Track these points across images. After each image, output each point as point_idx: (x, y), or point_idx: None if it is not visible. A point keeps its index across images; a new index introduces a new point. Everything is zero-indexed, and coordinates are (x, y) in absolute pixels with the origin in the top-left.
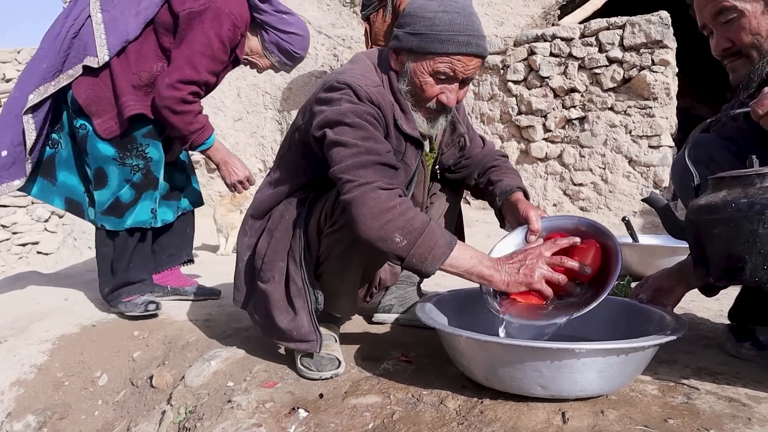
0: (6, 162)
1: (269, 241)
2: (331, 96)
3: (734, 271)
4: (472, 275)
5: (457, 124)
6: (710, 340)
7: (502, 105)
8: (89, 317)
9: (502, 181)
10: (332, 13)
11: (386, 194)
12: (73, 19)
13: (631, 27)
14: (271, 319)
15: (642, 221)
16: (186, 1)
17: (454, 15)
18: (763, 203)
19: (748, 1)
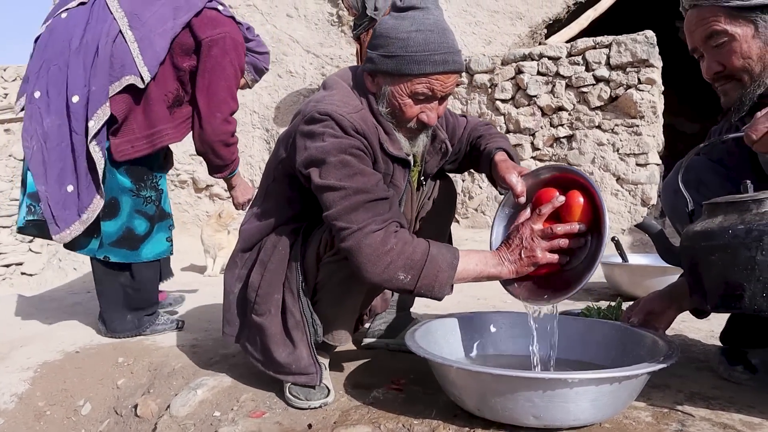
0: (74, 196)
1: (262, 273)
2: (313, 129)
3: (732, 299)
4: (482, 278)
5: (437, 131)
6: (702, 362)
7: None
8: (72, 343)
9: (486, 147)
10: (320, 32)
11: (381, 236)
12: (105, 35)
13: (617, 46)
14: (268, 352)
15: (630, 239)
16: (207, 28)
17: (427, 33)
18: (761, 230)
19: (739, 25)
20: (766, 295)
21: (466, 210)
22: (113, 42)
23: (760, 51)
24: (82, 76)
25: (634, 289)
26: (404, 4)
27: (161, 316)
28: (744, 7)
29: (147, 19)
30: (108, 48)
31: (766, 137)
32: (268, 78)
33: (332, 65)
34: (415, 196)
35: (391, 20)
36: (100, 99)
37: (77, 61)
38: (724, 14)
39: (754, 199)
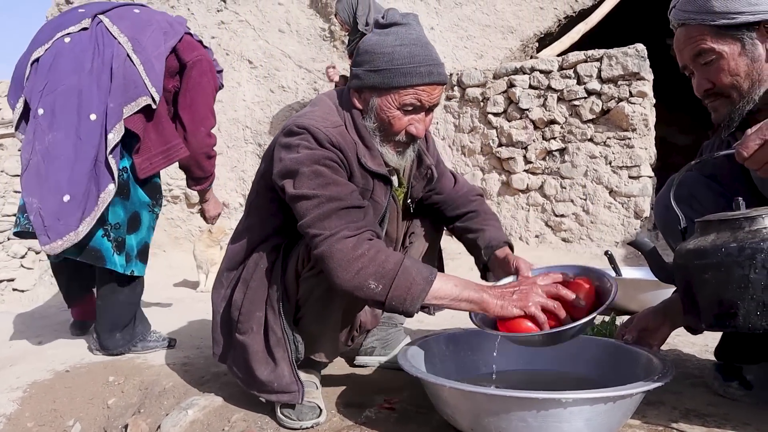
0: (68, 206)
1: (245, 291)
2: (290, 141)
3: (726, 318)
4: (461, 302)
5: (423, 156)
6: (697, 378)
7: (483, 137)
8: (63, 362)
9: (485, 232)
10: (312, 47)
11: (353, 242)
12: (116, 58)
13: (609, 59)
14: (250, 371)
15: (624, 252)
16: (188, 52)
17: (411, 47)
18: (754, 247)
19: (725, 43)
20: (760, 313)
21: None
22: (124, 65)
23: (747, 68)
24: (98, 96)
25: (627, 303)
26: (387, 21)
27: (153, 333)
28: (730, 26)
29: (145, 43)
30: (121, 70)
31: (756, 154)
32: (260, 93)
33: (324, 80)
34: (401, 215)
35: (374, 36)
36: (117, 114)
37: (91, 83)
38: (711, 33)
39: (746, 217)
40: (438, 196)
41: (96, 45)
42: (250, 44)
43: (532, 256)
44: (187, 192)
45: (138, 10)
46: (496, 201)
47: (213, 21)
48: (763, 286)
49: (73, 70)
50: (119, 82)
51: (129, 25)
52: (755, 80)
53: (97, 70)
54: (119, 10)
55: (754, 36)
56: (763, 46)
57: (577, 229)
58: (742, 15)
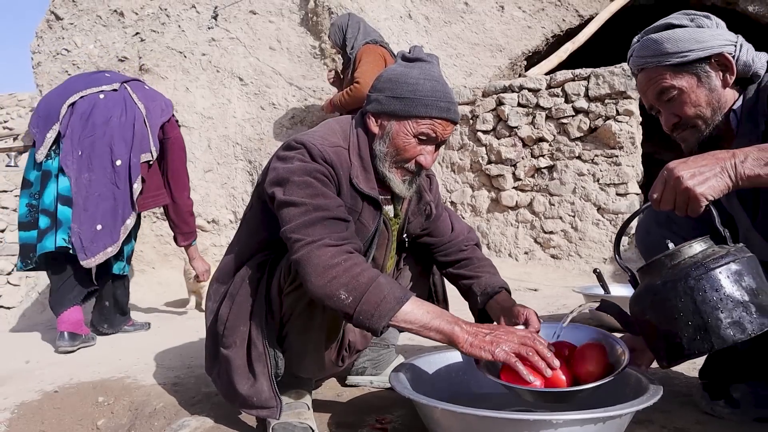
0: (100, 234)
1: (230, 305)
2: (286, 154)
3: (675, 350)
4: (430, 330)
5: (423, 192)
6: (685, 396)
7: (472, 154)
8: (51, 382)
9: (480, 278)
10: (303, 65)
11: (333, 251)
12: (137, 119)
13: (596, 78)
14: (232, 385)
15: (612, 268)
16: (171, 130)
17: (434, 83)
18: (673, 279)
19: (683, 79)
20: (699, 337)
21: None
22: (142, 126)
23: (707, 97)
24: (124, 147)
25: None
26: (413, 56)
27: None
28: (684, 63)
29: (152, 113)
30: (139, 130)
31: (664, 195)
32: (251, 110)
33: (315, 97)
34: (392, 245)
35: (399, 68)
36: (138, 168)
37: (120, 135)
38: (669, 71)
39: (666, 255)
40: (431, 238)
41: (124, 105)
42: (241, 61)
43: (521, 273)
44: None
45: (147, 88)
46: (486, 218)
47: (204, 38)
48: (692, 310)
49: (105, 122)
50: (138, 139)
51: (143, 96)
52: (715, 107)
53: (124, 125)
54: (136, 83)
55: (708, 68)
56: (717, 76)
57: (566, 245)
58: (693, 52)
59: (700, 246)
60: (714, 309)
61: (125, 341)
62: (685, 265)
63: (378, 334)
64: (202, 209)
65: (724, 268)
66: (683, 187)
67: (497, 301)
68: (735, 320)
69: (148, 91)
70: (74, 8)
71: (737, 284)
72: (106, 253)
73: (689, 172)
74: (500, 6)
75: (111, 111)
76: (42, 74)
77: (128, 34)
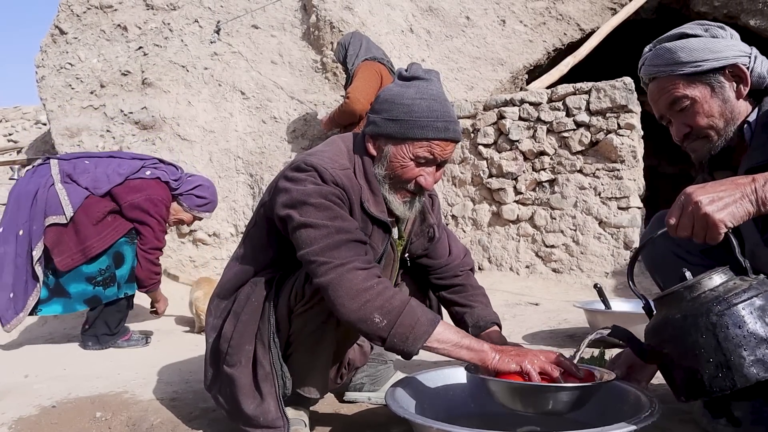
0: (12, 301)
1: (235, 324)
2: (296, 176)
3: (695, 386)
4: (462, 349)
5: (427, 214)
6: (686, 414)
7: (473, 168)
8: (49, 397)
9: (473, 309)
10: (305, 78)
11: (364, 274)
12: (44, 187)
13: (597, 92)
14: (236, 404)
15: (614, 282)
16: (126, 194)
17: (431, 102)
18: (694, 314)
19: (696, 88)
20: (721, 375)
21: None
22: (48, 191)
23: (720, 108)
24: (26, 215)
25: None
26: (410, 74)
27: (133, 333)
28: (697, 73)
29: (77, 177)
30: (45, 194)
31: (682, 221)
32: (252, 124)
33: (316, 111)
34: (396, 265)
35: (396, 87)
36: (39, 234)
37: (24, 205)
38: (682, 81)
39: (685, 287)
40: (429, 260)
41: (36, 176)
42: (243, 75)
43: (522, 287)
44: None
45: (88, 161)
46: (487, 231)
47: (206, 52)
48: (714, 347)
49: (16, 197)
50: (41, 204)
51: (69, 166)
52: (728, 119)
53: (26, 195)
54: (77, 161)
55: (722, 79)
56: (731, 87)
57: (567, 259)
58: (707, 62)
59: (720, 278)
60: (737, 346)
61: (124, 355)
62: (706, 299)
63: (410, 358)
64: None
65: (747, 303)
66: (702, 213)
67: (489, 336)
68: (759, 358)
69: (87, 164)
70: (78, 23)
71: (761, 320)
72: (18, 319)
73: (708, 197)
74: (501, 20)
75: (22, 185)
76: (46, 88)
77: (131, 49)
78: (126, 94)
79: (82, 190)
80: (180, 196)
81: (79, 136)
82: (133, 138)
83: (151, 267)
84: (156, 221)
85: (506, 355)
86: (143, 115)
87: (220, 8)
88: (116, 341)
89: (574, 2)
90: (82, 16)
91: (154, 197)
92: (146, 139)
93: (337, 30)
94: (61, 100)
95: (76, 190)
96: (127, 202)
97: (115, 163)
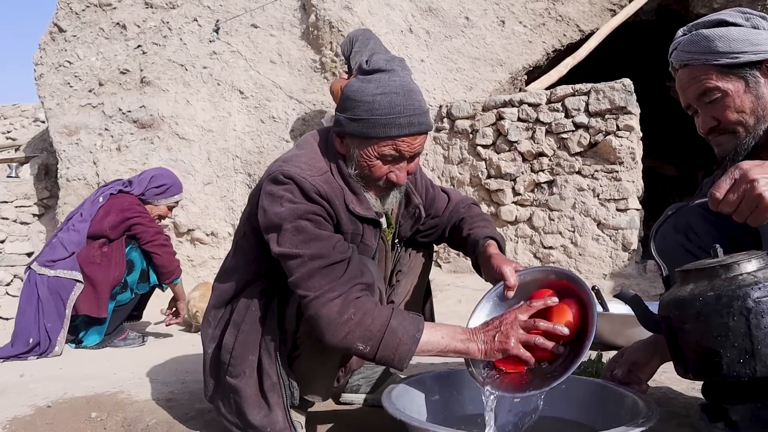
0: None
1: (236, 334)
2: (274, 191)
3: (711, 367)
4: (448, 353)
5: (411, 195)
6: (684, 417)
7: (472, 169)
8: (45, 396)
9: (472, 232)
10: (303, 78)
11: (339, 304)
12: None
13: (596, 93)
14: (242, 414)
15: (612, 283)
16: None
17: (393, 96)
18: (730, 295)
19: (730, 81)
20: (743, 361)
21: (449, 254)
22: (47, 287)
23: (752, 104)
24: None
25: (615, 338)
26: (370, 67)
27: (130, 332)
28: (733, 65)
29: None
30: (46, 293)
31: (728, 196)
32: (251, 123)
33: (315, 111)
34: (390, 254)
35: (357, 83)
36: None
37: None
38: (716, 72)
39: (722, 265)
40: (435, 220)
41: (27, 288)
42: (242, 74)
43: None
44: (176, 221)
45: (54, 240)
46: None
47: (205, 51)
48: (743, 333)
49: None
50: (50, 304)
51: (45, 257)
52: (760, 116)
53: (31, 302)
54: (46, 254)
55: (757, 74)
56: (766, 83)
57: (566, 261)
58: (745, 54)
59: (759, 263)
60: (766, 336)
61: (120, 355)
62: (744, 282)
63: (402, 370)
64: (201, 222)
65: None
66: (756, 193)
67: (483, 256)
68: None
69: (59, 233)
70: (77, 20)
71: None
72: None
73: (766, 178)
74: (501, 21)
75: (24, 301)
76: (44, 86)
77: (130, 47)
78: (124, 92)
79: (71, 259)
80: (142, 197)
81: (78, 134)
82: (131, 137)
83: (166, 250)
84: (140, 216)
85: (490, 345)
86: (142, 114)
87: (220, 7)
88: (113, 340)
89: (574, 3)
90: (81, 14)
91: (124, 206)
92: (144, 138)
93: (337, 30)
94: (60, 98)
95: (68, 262)
96: (107, 227)
97: (72, 221)
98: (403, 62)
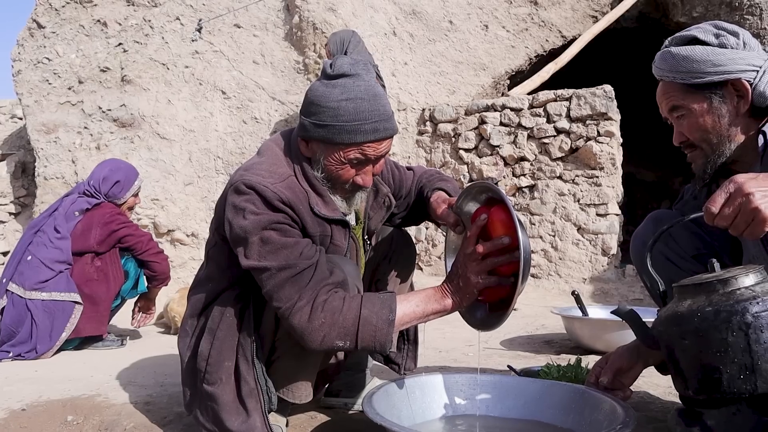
0: None
1: (212, 341)
2: (236, 203)
3: (711, 383)
4: (428, 316)
5: (379, 186)
6: (661, 422)
7: (454, 172)
8: (19, 399)
9: (426, 193)
10: (286, 79)
11: (308, 314)
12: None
13: (577, 99)
14: (219, 422)
15: (592, 288)
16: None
17: (358, 102)
18: (729, 310)
19: (694, 101)
20: (743, 377)
21: (430, 258)
22: (43, 310)
23: (713, 123)
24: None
25: (594, 343)
26: (334, 72)
27: (109, 335)
28: (698, 85)
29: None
30: (41, 317)
31: (723, 210)
32: (233, 124)
33: (297, 112)
34: (362, 252)
35: (321, 87)
36: None
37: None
38: (682, 90)
39: (719, 279)
40: (407, 199)
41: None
42: (224, 75)
43: None
44: (155, 221)
45: (30, 258)
46: None
47: (187, 50)
48: (743, 348)
49: None
50: (45, 325)
51: (22, 274)
52: (723, 136)
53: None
54: (21, 267)
55: (722, 93)
56: (732, 103)
57: (546, 265)
58: (708, 75)
59: (756, 277)
60: (766, 351)
61: (98, 357)
62: (742, 297)
63: (386, 354)
64: (181, 222)
65: None
66: (752, 207)
67: (429, 203)
68: None
69: (34, 247)
70: (57, 17)
71: None
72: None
73: (762, 191)
74: (484, 25)
75: (7, 321)
76: (22, 82)
77: (111, 45)
78: (104, 90)
79: (62, 279)
80: (108, 198)
81: (56, 132)
82: (111, 136)
83: (162, 257)
84: (126, 227)
85: (461, 295)
86: (122, 113)
87: (203, 6)
88: (91, 343)
89: (557, 9)
90: (61, 10)
91: (105, 219)
92: (124, 137)
93: (320, 31)
94: (38, 95)
95: (60, 282)
96: (94, 243)
97: (47, 236)
98: (367, 66)
